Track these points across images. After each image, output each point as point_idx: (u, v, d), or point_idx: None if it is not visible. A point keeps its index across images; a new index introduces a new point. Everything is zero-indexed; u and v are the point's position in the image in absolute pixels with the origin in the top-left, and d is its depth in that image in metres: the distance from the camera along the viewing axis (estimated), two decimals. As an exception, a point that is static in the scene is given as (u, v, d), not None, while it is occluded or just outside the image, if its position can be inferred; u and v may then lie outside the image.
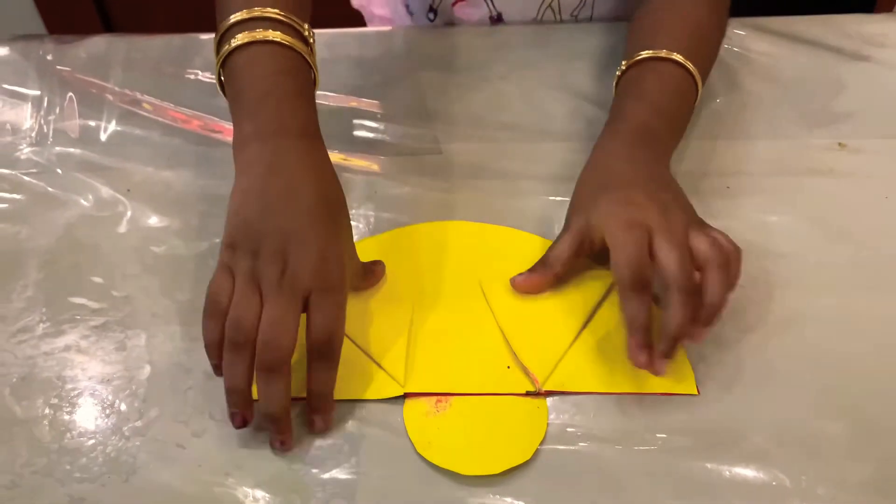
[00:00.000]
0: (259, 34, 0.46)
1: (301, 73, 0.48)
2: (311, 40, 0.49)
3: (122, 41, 0.70)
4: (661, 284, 0.44)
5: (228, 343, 0.41)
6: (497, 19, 0.73)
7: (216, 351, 0.42)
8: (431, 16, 0.75)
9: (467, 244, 0.53)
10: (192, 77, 0.67)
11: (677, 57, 0.54)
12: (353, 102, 0.64)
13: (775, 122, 0.62)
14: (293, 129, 0.46)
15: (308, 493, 0.42)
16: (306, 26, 0.49)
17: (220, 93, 0.49)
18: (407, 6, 0.77)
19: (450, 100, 0.65)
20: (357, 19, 0.86)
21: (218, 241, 0.54)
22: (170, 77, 0.67)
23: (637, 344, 0.44)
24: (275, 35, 0.46)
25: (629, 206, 0.46)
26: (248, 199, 0.44)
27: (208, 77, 0.67)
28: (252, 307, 0.41)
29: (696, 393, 0.46)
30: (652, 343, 0.44)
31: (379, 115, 0.63)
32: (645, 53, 0.54)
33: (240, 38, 0.46)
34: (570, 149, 0.59)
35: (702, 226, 0.47)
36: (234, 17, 0.47)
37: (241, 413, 0.43)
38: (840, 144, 0.60)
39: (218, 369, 0.43)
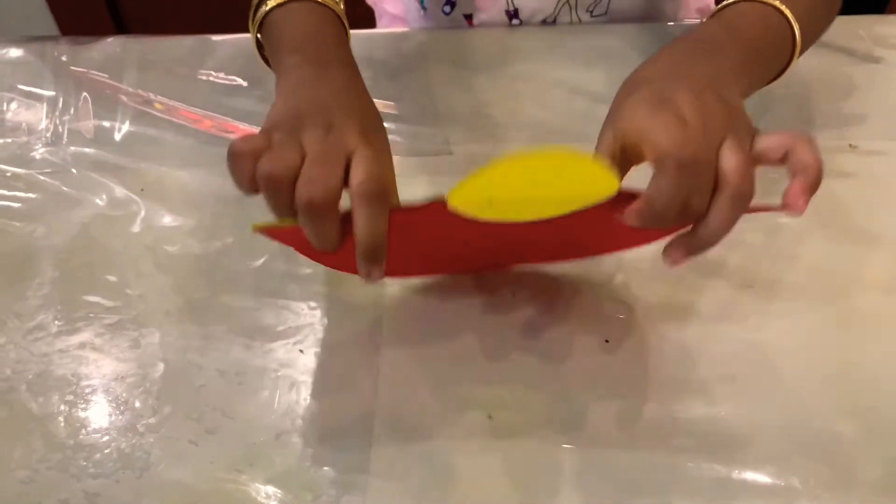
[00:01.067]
0: None
1: (337, 27, 0.49)
2: (342, 5, 0.50)
3: (135, 42, 0.71)
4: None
5: (264, 181, 0.37)
6: (514, 14, 0.73)
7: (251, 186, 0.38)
8: (448, 8, 0.75)
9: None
10: (205, 78, 0.67)
11: (778, 3, 0.46)
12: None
13: (785, 122, 0.62)
14: (336, 62, 0.46)
15: (319, 491, 0.42)
16: None
17: (258, 57, 0.50)
18: (421, 0, 0.76)
19: (462, 100, 0.65)
20: (368, 21, 0.87)
21: (231, 241, 0.54)
22: (183, 78, 0.67)
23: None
24: None
25: (661, 102, 0.39)
26: (295, 92, 0.43)
27: (221, 78, 0.67)
28: (292, 153, 0.38)
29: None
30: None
31: (391, 116, 0.64)
32: None
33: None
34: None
35: (744, 140, 0.39)
36: None
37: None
38: (851, 146, 0.60)
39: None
